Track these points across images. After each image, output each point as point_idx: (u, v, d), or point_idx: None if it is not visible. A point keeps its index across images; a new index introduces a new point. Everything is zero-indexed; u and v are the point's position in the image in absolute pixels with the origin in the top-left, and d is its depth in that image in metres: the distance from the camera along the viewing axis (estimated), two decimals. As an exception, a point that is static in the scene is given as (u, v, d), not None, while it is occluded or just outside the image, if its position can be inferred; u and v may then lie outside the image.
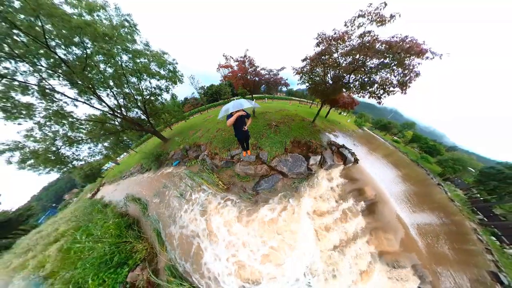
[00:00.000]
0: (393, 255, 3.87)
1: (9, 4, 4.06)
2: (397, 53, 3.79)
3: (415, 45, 3.64)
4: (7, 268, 4.64)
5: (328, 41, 4.66)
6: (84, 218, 5.81)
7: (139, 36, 6.86)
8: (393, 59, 3.97)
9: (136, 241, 4.16)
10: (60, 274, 3.73)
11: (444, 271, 3.93)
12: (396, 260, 3.75)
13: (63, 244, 4.63)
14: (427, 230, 4.89)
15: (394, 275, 3.52)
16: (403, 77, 4.05)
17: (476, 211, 6.92)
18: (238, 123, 3.04)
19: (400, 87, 4.11)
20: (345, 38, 4.46)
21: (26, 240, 6.30)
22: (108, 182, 10.02)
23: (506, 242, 5.61)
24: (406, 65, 3.89)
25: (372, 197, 4.93)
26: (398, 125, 21.50)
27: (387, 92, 4.34)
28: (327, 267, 3.20)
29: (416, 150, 15.84)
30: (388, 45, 3.92)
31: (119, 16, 6.14)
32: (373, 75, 4.49)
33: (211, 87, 23.58)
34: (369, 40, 4.15)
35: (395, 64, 4.01)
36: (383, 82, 4.32)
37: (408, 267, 3.68)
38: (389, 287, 3.41)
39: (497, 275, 4.16)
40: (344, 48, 4.66)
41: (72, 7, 5.17)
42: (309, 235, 3.44)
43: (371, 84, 4.56)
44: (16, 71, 4.85)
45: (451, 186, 8.84)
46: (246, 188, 4.24)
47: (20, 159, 5.12)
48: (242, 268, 3.20)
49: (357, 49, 4.31)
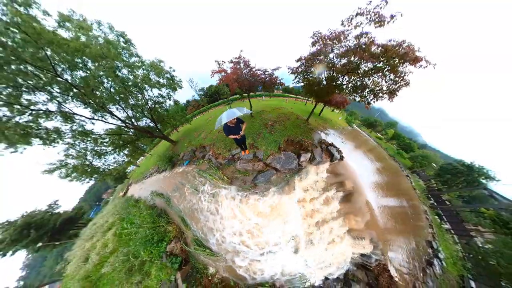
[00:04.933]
0: (358, 232, 4.88)
1: (13, 39, 4.28)
2: (392, 58, 3.64)
3: (411, 51, 3.49)
4: (84, 249, 6.24)
5: (324, 41, 4.42)
6: (123, 212, 7.06)
7: (135, 49, 6.92)
8: (387, 64, 3.82)
9: (167, 225, 5.27)
10: (120, 250, 5.02)
11: (394, 240, 5.03)
12: (359, 234, 4.79)
13: (115, 230, 5.93)
14: (389, 211, 5.86)
15: (356, 243, 4.59)
16: (393, 85, 3.99)
17: (430, 197, 8.21)
18: (233, 131, 3.07)
19: (388, 94, 4.07)
20: (341, 38, 4.22)
21: (88, 230, 7.93)
22: (134, 182, 11.37)
23: (444, 220, 7.05)
24: (399, 72, 3.76)
25: (350, 189, 5.67)
26: (382, 124, 23.50)
27: (377, 97, 4.34)
28: (307, 238, 4.13)
29: (394, 146, 16.98)
30: (384, 49, 3.72)
31: (113, 34, 6.21)
32: (366, 78, 4.40)
33: (210, 88, 22.59)
34: (366, 42, 3.92)
35: (388, 70, 3.88)
36: (374, 87, 4.28)
37: (367, 239, 4.72)
38: (351, 251, 4.52)
39: (431, 242, 5.31)
40: (339, 48, 4.45)
41: (66, 30, 5.26)
42: (296, 216, 4.23)
43: (363, 88, 4.50)
44: (37, 102, 5.34)
45: (416, 177, 10.11)
46: (246, 181, 4.90)
47: (65, 174, 6.14)
48: (252, 236, 4.19)
49: (353, 51, 4.11)
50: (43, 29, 4.45)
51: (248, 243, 4.24)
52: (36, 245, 12.01)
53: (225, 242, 4.39)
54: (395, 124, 23.79)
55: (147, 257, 4.39)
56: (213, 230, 4.66)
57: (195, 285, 3.91)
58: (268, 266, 3.98)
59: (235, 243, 4.31)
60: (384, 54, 3.73)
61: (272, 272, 3.92)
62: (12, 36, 4.25)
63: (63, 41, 4.79)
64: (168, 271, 4.09)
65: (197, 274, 4.13)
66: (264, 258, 4.04)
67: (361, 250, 4.53)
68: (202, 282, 3.97)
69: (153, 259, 4.37)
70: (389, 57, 3.67)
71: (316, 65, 4.95)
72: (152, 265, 4.26)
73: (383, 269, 4.36)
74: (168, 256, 4.40)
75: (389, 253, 4.68)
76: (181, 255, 4.48)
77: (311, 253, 4.05)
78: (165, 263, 4.23)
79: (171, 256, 4.38)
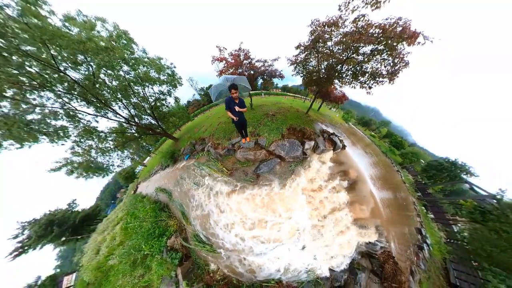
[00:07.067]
0: (364, 220, 4.81)
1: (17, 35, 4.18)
2: (390, 38, 3.55)
3: (407, 28, 3.39)
4: (96, 241, 6.50)
5: (322, 27, 4.35)
6: (131, 207, 7.17)
7: (136, 46, 6.83)
8: (385, 45, 3.75)
9: (168, 219, 5.14)
10: (125, 243, 4.99)
11: (392, 228, 5.26)
12: (365, 223, 4.71)
13: (122, 225, 5.96)
14: (386, 202, 6.22)
15: (362, 232, 4.46)
16: (392, 67, 3.93)
17: (417, 190, 8.97)
18: (233, 106, 2.93)
19: (389, 77, 4.02)
20: (339, 24, 4.17)
21: (102, 225, 8.34)
22: (143, 180, 11.60)
23: (430, 210, 7.83)
24: (397, 51, 3.69)
25: (354, 177, 5.65)
26: (377, 122, 24.58)
27: (377, 82, 4.27)
28: (315, 230, 3.94)
29: (387, 144, 17.62)
30: (381, 29, 3.67)
31: (116, 31, 6.13)
32: (365, 64, 4.33)
33: (210, 88, 22.70)
34: (363, 25, 3.88)
35: (386, 51, 3.81)
36: (373, 72, 4.22)
37: (373, 228, 4.66)
38: (356, 240, 4.40)
39: (419, 229, 5.89)
40: (338, 35, 4.37)
41: (70, 26, 5.16)
42: (303, 208, 3.98)
43: (363, 74, 4.44)
44: (43, 101, 5.39)
45: (405, 172, 11.00)
46: (247, 172, 4.57)
47: (70, 170, 6.22)
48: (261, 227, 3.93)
49: (351, 35, 4.03)
50: (46, 22, 4.37)
51: (250, 238, 3.92)
52: (60, 240, 13.05)
53: (225, 238, 4.11)
54: (388, 123, 24.69)
55: (148, 251, 4.27)
56: (213, 225, 4.39)
57: (196, 282, 3.65)
58: (273, 263, 3.68)
59: (236, 239, 4.00)
60: (382, 34, 3.64)
61: (277, 268, 3.63)
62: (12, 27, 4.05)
63: (66, 35, 4.73)
64: (168, 266, 3.91)
65: (199, 270, 3.89)
66: (269, 254, 3.74)
67: (367, 239, 4.42)
68: (203, 278, 3.71)
69: (154, 253, 4.24)
70: (387, 37, 3.58)
71: (316, 53, 4.82)
72: (152, 260, 4.14)
73: (388, 256, 4.31)
74: (169, 251, 4.23)
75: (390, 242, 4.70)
76: (182, 250, 4.27)
77: (319, 246, 3.91)
78: (165, 258, 4.06)
79: (171, 251, 4.20)
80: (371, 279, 3.84)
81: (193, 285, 3.56)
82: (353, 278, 3.68)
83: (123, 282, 4.09)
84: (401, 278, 3.94)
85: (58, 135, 5.74)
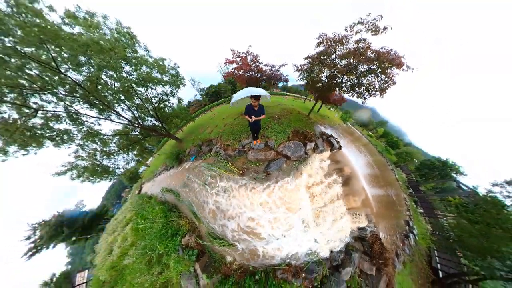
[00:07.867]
0: (356, 209, 5.69)
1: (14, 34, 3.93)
2: (383, 62, 4.52)
3: (397, 58, 4.48)
4: (108, 242, 6.51)
5: (329, 42, 5.13)
6: (138, 208, 7.18)
7: (139, 46, 6.66)
8: (379, 67, 4.67)
9: (179, 219, 5.23)
10: (138, 243, 5.11)
11: (381, 222, 5.98)
12: (357, 211, 5.59)
13: (132, 225, 6.03)
14: (377, 198, 6.95)
15: (355, 219, 5.30)
16: (383, 83, 4.85)
17: (409, 187, 9.90)
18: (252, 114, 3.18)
19: (380, 91, 4.94)
20: (343, 41, 4.99)
21: (111, 225, 8.32)
22: (147, 181, 11.49)
23: (419, 205, 8.70)
24: (388, 73, 4.68)
25: (348, 174, 6.46)
26: (374, 123, 24.68)
27: (370, 94, 5.17)
28: (316, 218, 4.49)
29: (383, 143, 18.58)
30: (377, 54, 4.62)
31: (119, 28, 5.90)
32: (362, 78, 5.18)
33: (211, 88, 22.16)
34: (363, 46, 4.75)
35: (379, 71, 4.74)
36: (368, 85, 5.10)
37: (363, 215, 5.53)
38: (350, 226, 5.15)
39: (408, 221, 6.75)
40: (341, 50, 5.17)
41: (74, 26, 4.91)
42: (306, 199, 4.48)
43: (359, 86, 5.29)
44: (44, 104, 5.22)
45: (399, 171, 11.78)
46: (258, 171, 4.80)
47: (76, 175, 6.13)
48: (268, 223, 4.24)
49: (352, 53, 4.89)
50: (45, 19, 4.14)
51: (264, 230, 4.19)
52: (71, 239, 13.38)
53: (240, 232, 4.31)
54: (385, 123, 25.10)
55: (163, 250, 4.41)
56: (227, 221, 4.56)
57: (214, 273, 3.90)
58: (283, 249, 4.08)
59: (250, 232, 4.23)
60: (377, 58, 4.60)
61: (287, 253, 4.05)
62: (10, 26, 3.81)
63: (71, 36, 4.55)
64: (186, 263, 4.09)
65: (215, 263, 4.09)
66: (281, 241, 4.11)
67: (359, 224, 5.25)
68: (221, 270, 3.96)
69: (169, 252, 4.38)
70: (381, 61, 4.55)
71: (320, 64, 5.54)
72: (169, 258, 4.28)
73: (376, 238, 5.14)
74: (184, 249, 4.37)
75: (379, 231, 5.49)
76: (197, 247, 4.42)
77: (319, 231, 4.47)
78: (182, 256, 4.21)
79: (187, 249, 4.34)
80: (363, 258, 4.66)
81: (212, 276, 3.82)
82: (348, 258, 4.43)
83: (142, 280, 4.22)
84: (386, 255, 4.76)
85: (62, 139, 5.63)
